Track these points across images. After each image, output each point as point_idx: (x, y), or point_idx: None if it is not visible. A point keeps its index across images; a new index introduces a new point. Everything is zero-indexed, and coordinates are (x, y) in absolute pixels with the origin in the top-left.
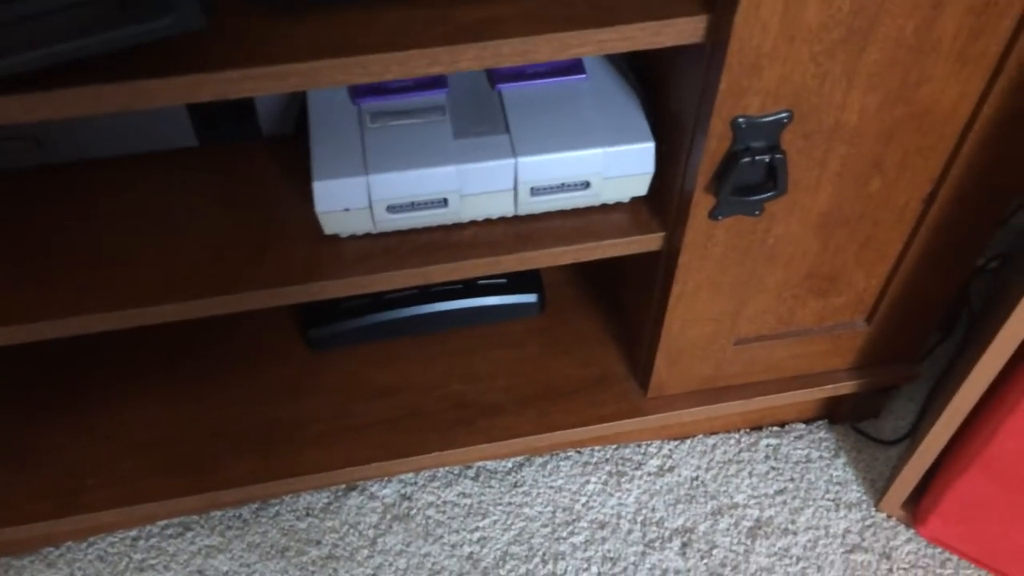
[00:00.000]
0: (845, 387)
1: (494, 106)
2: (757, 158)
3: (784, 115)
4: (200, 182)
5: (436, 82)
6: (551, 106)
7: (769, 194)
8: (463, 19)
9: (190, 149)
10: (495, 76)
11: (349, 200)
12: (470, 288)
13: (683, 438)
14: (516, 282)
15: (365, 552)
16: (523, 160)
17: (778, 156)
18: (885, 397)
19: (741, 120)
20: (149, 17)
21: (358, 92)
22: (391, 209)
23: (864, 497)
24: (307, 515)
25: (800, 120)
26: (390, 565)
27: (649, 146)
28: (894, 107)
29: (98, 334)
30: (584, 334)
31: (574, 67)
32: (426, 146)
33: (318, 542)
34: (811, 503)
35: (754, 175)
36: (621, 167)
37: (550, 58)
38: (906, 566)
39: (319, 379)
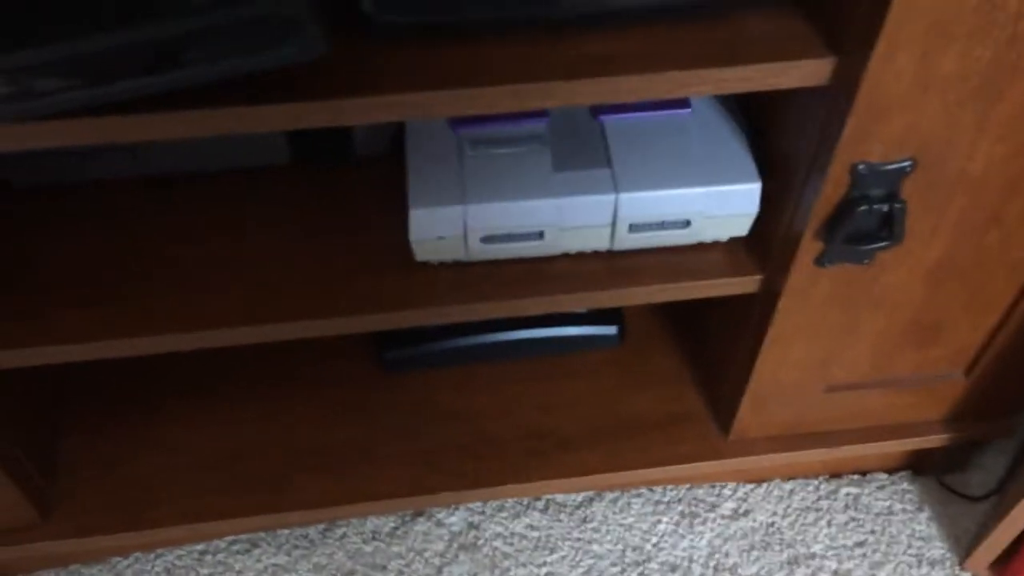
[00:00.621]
0: (936, 440)
1: (595, 138)
2: (875, 206)
3: (907, 163)
4: (293, 202)
5: (537, 111)
6: (654, 140)
7: (883, 243)
8: (579, 53)
9: (283, 167)
10: (597, 107)
11: (444, 229)
12: (550, 317)
13: (759, 482)
14: (597, 313)
15: None
16: (624, 196)
17: (897, 205)
18: (973, 450)
19: (862, 167)
20: (275, 44)
21: (457, 119)
22: (486, 240)
23: (948, 555)
24: (373, 539)
25: (923, 169)
26: None
27: (755, 187)
28: (1020, 159)
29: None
30: (663, 369)
31: (679, 100)
32: (525, 177)
33: (384, 567)
34: (892, 558)
35: (869, 223)
36: (724, 207)
37: (667, 95)
38: None
39: (392, 401)
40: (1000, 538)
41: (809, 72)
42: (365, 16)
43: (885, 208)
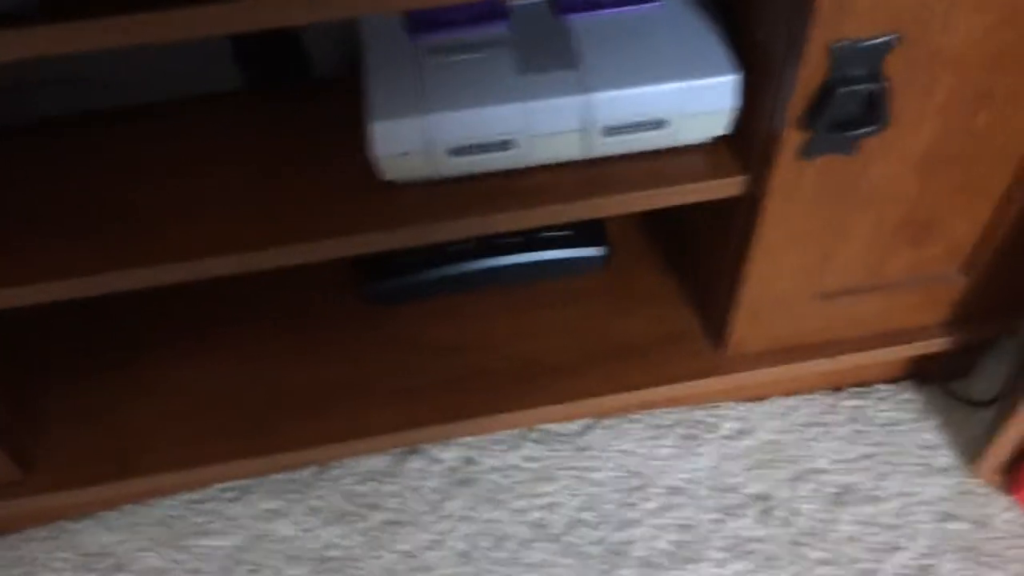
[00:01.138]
0: (936, 344)
1: (561, 38)
2: (857, 87)
3: (885, 39)
4: (251, 128)
5: (497, 12)
6: (623, 37)
7: (869, 128)
8: None
9: (237, 92)
10: (561, 4)
11: (408, 143)
12: (533, 241)
13: (759, 399)
14: (581, 235)
15: (428, 517)
16: (594, 96)
17: (880, 85)
18: (975, 356)
19: (839, 45)
20: None
21: (415, 27)
22: (453, 152)
23: (956, 462)
24: (368, 479)
25: (902, 45)
26: (454, 531)
27: (731, 79)
28: (1003, 31)
29: (151, 294)
30: (652, 289)
31: None
32: (488, 83)
33: (380, 506)
34: (899, 468)
35: (852, 107)
36: (700, 102)
37: None
38: (1004, 535)
39: (377, 336)
40: (1006, 442)
41: None
42: None
43: (867, 89)
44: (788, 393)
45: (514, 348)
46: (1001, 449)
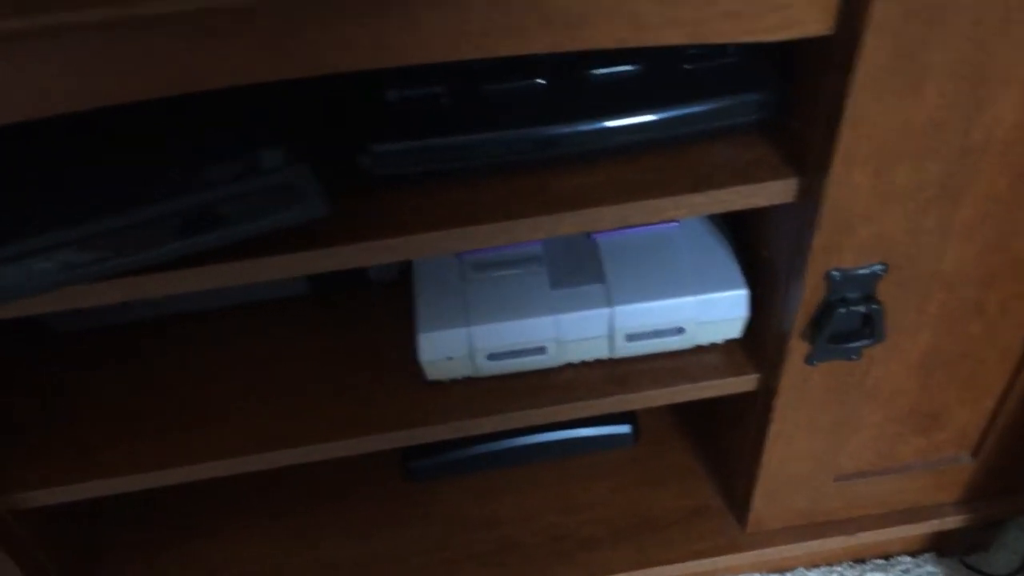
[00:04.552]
0: (952, 521)
1: (589, 255)
2: (853, 308)
3: (879, 267)
4: (312, 331)
5: None
6: (644, 254)
7: (867, 342)
8: (559, 188)
9: (303, 298)
10: None
11: (452, 349)
12: (565, 420)
13: (783, 571)
14: (610, 414)
15: None
16: (619, 309)
17: (874, 307)
18: (995, 529)
19: (835, 273)
20: (282, 209)
21: None
22: (492, 357)
23: None
24: None
25: (895, 271)
26: None
27: (742, 293)
28: (991, 256)
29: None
30: (679, 465)
31: None
32: (525, 296)
33: None
34: None
35: (850, 324)
36: (714, 313)
37: (645, 222)
38: None
39: (416, 511)
40: None
41: (776, 192)
42: (363, 170)
43: (863, 309)
44: (812, 565)
45: (546, 521)
46: None
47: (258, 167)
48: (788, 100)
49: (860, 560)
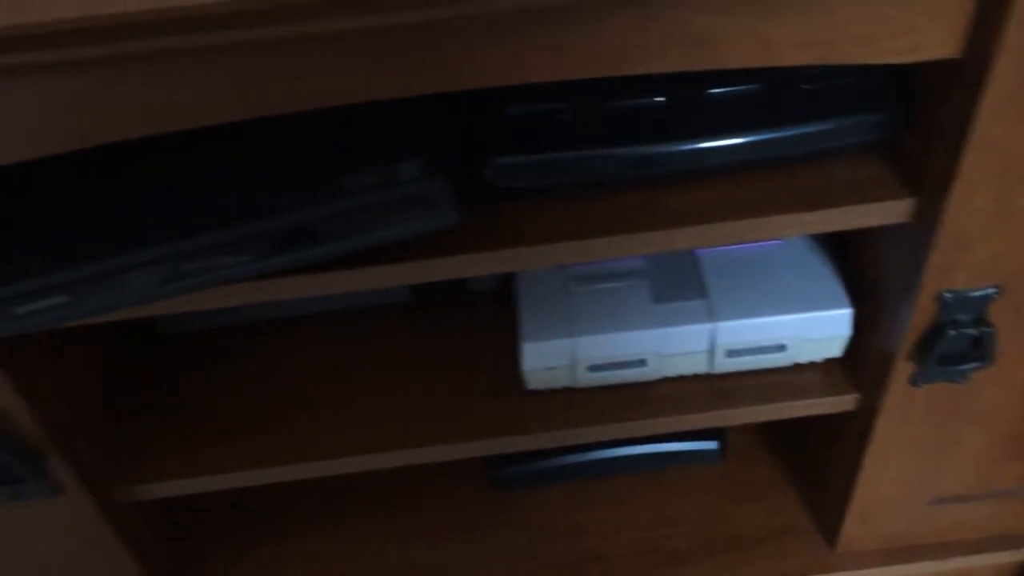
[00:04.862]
0: None
1: (691, 270)
2: (963, 330)
3: (991, 290)
4: (412, 337)
5: None
6: (747, 270)
7: (975, 365)
8: (672, 204)
9: (405, 304)
10: None
11: (554, 359)
12: (655, 434)
13: None
14: (699, 429)
15: None
16: (721, 325)
17: (986, 330)
18: None
19: (948, 294)
20: (415, 218)
21: None
22: (593, 368)
23: None
24: None
25: (1008, 294)
26: None
27: (846, 312)
28: None
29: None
30: (766, 482)
31: None
32: (627, 310)
33: None
34: None
35: (959, 346)
36: (818, 331)
37: (757, 239)
38: None
39: (500, 519)
40: None
41: (890, 212)
42: (486, 182)
43: (974, 332)
44: None
45: (632, 534)
46: None
47: (395, 178)
48: (905, 121)
49: None
